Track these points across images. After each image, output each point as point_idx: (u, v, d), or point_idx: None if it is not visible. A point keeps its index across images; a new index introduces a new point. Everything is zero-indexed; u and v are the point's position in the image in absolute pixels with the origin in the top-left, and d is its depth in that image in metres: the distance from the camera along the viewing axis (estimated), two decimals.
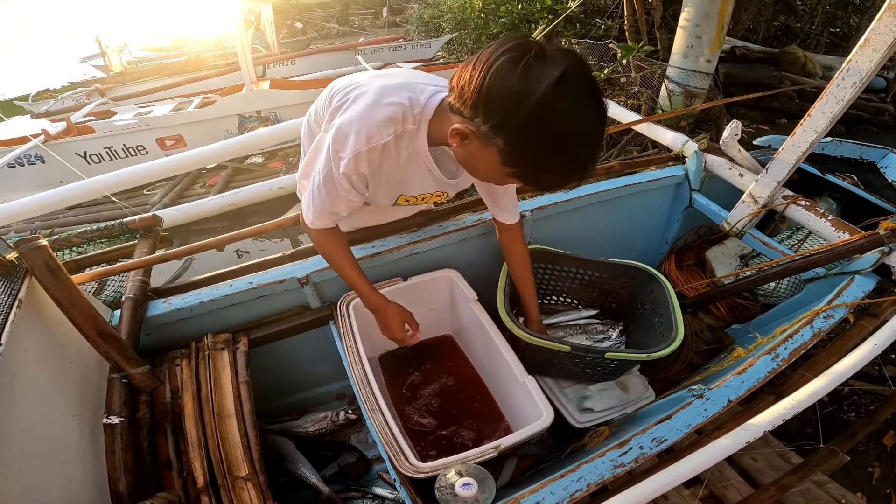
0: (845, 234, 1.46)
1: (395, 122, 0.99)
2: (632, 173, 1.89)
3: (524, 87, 0.76)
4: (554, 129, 0.79)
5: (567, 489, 0.94)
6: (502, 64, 0.78)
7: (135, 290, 1.36)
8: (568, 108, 0.77)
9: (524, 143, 0.82)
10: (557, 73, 0.75)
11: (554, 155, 0.82)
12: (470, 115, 0.84)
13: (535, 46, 0.78)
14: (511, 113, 0.78)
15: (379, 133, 0.98)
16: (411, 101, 0.99)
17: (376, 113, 0.98)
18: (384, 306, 1.34)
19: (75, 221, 4.40)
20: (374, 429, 1.15)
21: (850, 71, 1.24)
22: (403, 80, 1.04)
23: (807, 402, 1.03)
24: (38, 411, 1.01)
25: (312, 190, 1.12)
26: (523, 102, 0.76)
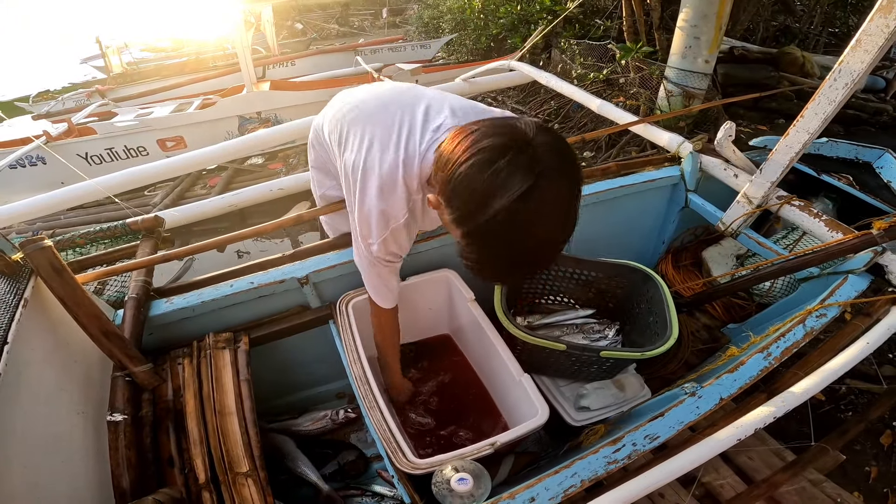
0: (839, 234, 1.48)
1: (405, 200, 1.04)
2: (628, 174, 1.90)
3: (486, 195, 0.76)
4: (507, 243, 0.80)
5: (561, 485, 0.96)
6: (476, 162, 0.77)
7: (137, 290, 1.38)
8: (524, 224, 0.77)
9: (477, 245, 0.84)
10: (525, 185, 0.73)
11: (504, 264, 0.85)
12: (440, 196, 0.87)
13: (514, 147, 0.75)
14: (470, 216, 0.80)
15: (395, 215, 1.05)
16: (408, 173, 1.02)
17: (387, 199, 1.03)
18: (404, 384, 1.54)
19: (77, 223, 4.41)
20: (373, 426, 1.17)
21: (841, 72, 1.26)
22: (399, 134, 1.04)
23: (798, 400, 1.04)
24: (43, 409, 1.02)
25: (365, 279, 1.24)
26: (482, 210, 0.77)
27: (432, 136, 1.03)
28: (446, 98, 1.14)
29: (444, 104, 1.10)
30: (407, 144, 1.03)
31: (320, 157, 1.38)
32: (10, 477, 0.86)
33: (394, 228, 1.07)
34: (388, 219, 1.05)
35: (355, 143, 1.08)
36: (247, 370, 1.36)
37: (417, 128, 1.05)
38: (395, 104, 1.11)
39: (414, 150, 1.03)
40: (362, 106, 1.14)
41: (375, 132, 1.06)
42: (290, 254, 1.52)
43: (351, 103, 1.18)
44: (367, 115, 1.11)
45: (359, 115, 1.12)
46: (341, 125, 1.14)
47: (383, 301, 1.27)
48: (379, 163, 1.03)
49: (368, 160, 1.04)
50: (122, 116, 5.52)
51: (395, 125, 1.06)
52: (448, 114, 1.06)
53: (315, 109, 1.43)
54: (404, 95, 1.15)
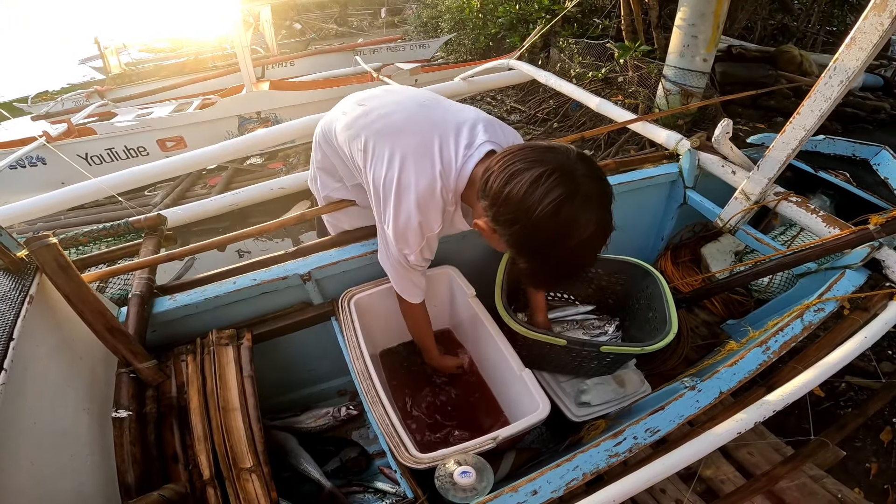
0: (836, 230, 1.49)
1: (442, 211, 1.12)
2: (627, 171, 1.91)
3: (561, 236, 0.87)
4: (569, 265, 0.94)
5: (563, 478, 0.97)
6: (547, 208, 0.84)
7: (141, 287, 1.39)
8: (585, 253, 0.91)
9: (535, 259, 0.95)
10: (591, 229, 0.86)
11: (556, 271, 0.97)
12: (492, 223, 0.95)
13: (573, 196, 0.84)
14: (527, 239, 0.91)
15: (432, 226, 1.12)
16: (445, 185, 1.08)
17: (426, 212, 1.09)
18: (443, 360, 1.59)
19: (77, 222, 4.41)
20: (376, 421, 1.18)
21: (836, 70, 1.27)
22: (431, 148, 1.09)
23: (797, 393, 1.05)
24: (49, 405, 1.03)
25: (395, 279, 1.30)
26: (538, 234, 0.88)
27: (466, 152, 1.08)
28: (471, 110, 1.19)
29: (471, 116, 1.16)
30: (442, 158, 1.08)
31: (328, 159, 1.39)
32: (17, 472, 0.87)
33: (429, 237, 1.14)
34: (425, 230, 1.11)
35: (384, 156, 1.10)
36: (250, 366, 1.36)
37: (451, 142, 1.10)
38: (421, 114, 1.15)
39: (450, 164, 1.08)
40: (388, 118, 1.16)
41: (408, 147, 1.09)
42: (292, 251, 1.53)
43: (374, 111, 1.19)
44: (396, 129, 1.13)
45: (385, 126, 1.14)
46: (365, 136, 1.15)
47: (413, 298, 1.34)
48: (416, 177, 1.07)
49: (404, 176, 1.07)
50: (121, 117, 5.52)
51: (428, 140, 1.09)
52: (480, 129, 1.12)
53: (314, 109, 1.44)
54: (429, 104, 1.19)
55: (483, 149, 1.07)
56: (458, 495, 0.97)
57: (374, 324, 1.54)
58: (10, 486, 0.85)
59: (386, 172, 1.09)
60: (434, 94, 1.28)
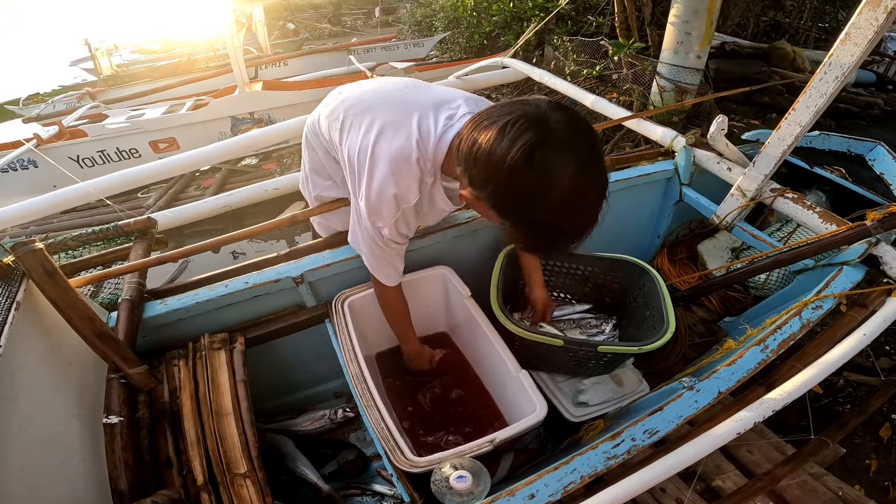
0: (832, 226, 1.48)
1: (418, 181, 1.05)
2: (622, 168, 1.90)
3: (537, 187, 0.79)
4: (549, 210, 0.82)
5: (561, 481, 0.96)
6: (517, 158, 0.78)
7: (131, 292, 1.37)
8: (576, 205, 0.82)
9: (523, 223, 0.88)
10: (569, 172, 0.77)
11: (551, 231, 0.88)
12: (472, 189, 0.89)
13: (545, 141, 0.77)
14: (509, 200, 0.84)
15: (407, 197, 1.06)
16: (422, 154, 1.03)
17: (401, 182, 1.03)
18: (422, 351, 1.53)
19: (70, 226, 4.38)
20: (371, 425, 1.16)
21: (831, 65, 1.26)
22: (409, 120, 1.04)
23: (796, 392, 1.05)
24: (39, 411, 1.02)
25: (369, 259, 1.23)
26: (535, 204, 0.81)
27: (447, 123, 1.03)
28: (453, 90, 1.15)
29: (452, 92, 1.11)
30: (420, 127, 1.03)
31: (316, 156, 1.37)
32: (8, 479, 0.86)
33: (405, 209, 1.08)
34: (400, 201, 1.06)
35: (361, 128, 1.07)
36: (243, 370, 1.35)
37: (430, 115, 1.05)
38: (400, 94, 1.12)
39: (428, 133, 1.03)
40: (365, 98, 1.14)
41: (386, 118, 1.06)
42: (284, 253, 1.51)
43: (352, 97, 1.17)
44: (373, 105, 1.10)
45: (363, 105, 1.12)
46: (343, 116, 1.13)
47: (388, 279, 1.28)
48: (389, 145, 1.02)
49: (379, 143, 1.03)
50: (113, 118, 5.49)
51: (406, 113, 1.05)
52: (461, 101, 1.07)
53: (308, 109, 1.42)
54: (408, 87, 1.16)
55: (463, 120, 1.01)
56: (454, 500, 0.96)
57: (368, 326, 1.53)
58: (2, 493, 0.84)
59: (361, 142, 1.06)
60: (418, 80, 1.24)
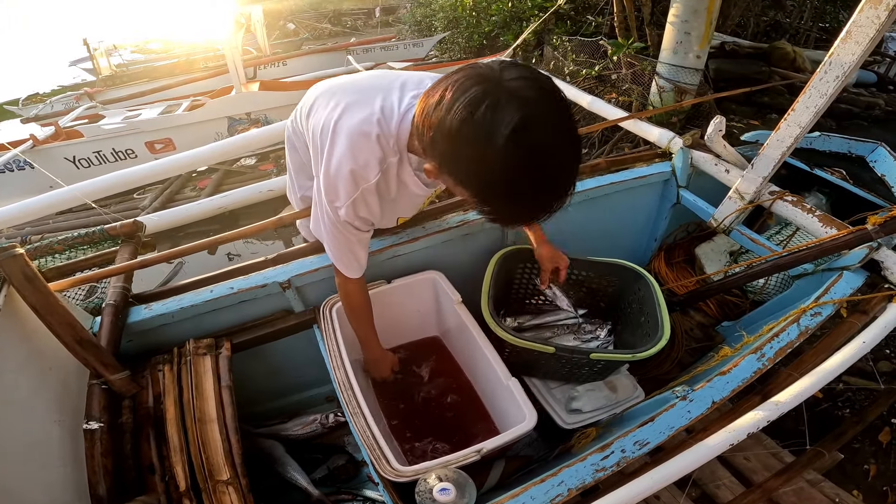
0: (833, 230, 1.45)
1: (378, 159, 0.99)
2: (618, 171, 1.87)
3: (480, 147, 0.73)
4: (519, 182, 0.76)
5: (548, 493, 0.93)
6: (459, 119, 0.73)
7: (115, 297, 1.35)
8: (528, 157, 0.73)
9: (491, 196, 0.81)
10: (512, 124, 0.70)
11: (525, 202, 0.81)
12: (433, 162, 0.84)
13: (489, 91, 0.72)
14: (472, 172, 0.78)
15: (366, 175, 0.99)
16: (384, 132, 0.98)
17: (359, 156, 0.97)
18: (384, 356, 1.47)
19: (67, 226, 4.37)
20: (357, 432, 1.14)
21: (832, 65, 1.23)
22: (373, 100, 1.01)
23: (792, 402, 1.02)
24: (19, 417, 1.02)
25: (329, 244, 1.16)
26: (482, 163, 0.75)
27: (411, 101, 0.99)
28: (426, 73, 1.11)
29: (423, 75, 1.07)
30: (383, 105, 0.99)
31: (297, 158, 1.36)
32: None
33: (364, 189, 1.01)
34: (357, 179, 1.00)
35: (327, 107, 1.04)
36: (228, 376, 1.33)
37: (395, 92, 1.01)
38: (370, 79, 1.10)
39: (391, 111, 0.98)
40: (336, 83, 1.12)
41: (349, 98, 1.02)
42: (272, 258, 1.49)
43: (324, 84, 1.16)
44: (342, 87, 1.08)
45: (332, 90, 1.10)
46: (313, 101, 1.12)
47: (348, 269, 1.20)
48: (350, 119, 0.98)
49: (341, 119, 0.99)
50: (109, 119, 5.48)
51: (372, 91, 1.02)
52: (429, 81, 1.00)
53: None
54: (383, 74, 1.13)
55: None
56: None
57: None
58: None
59: (324, 119, 1.03)
60: (399, 71, 1.21)
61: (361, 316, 1.34)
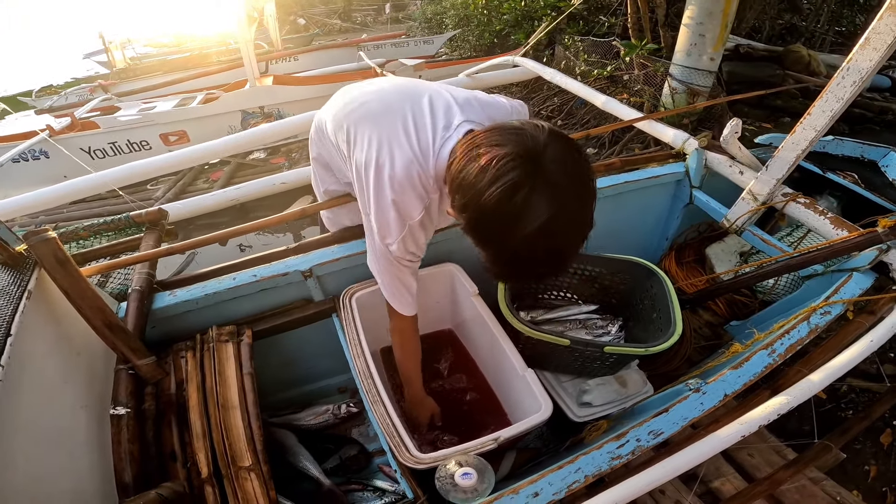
0: (843, 232, 1.47)
1: (421, 199, 1.06)
2: (632, 170, 1.90)
3: (507, 222, 0.80)
4: (529, 260, 0.85)
5: (565, 480, 0.96)
6: (495, 195, 0.78)
7: (141, 283, 1.38)
8: (546, 241, 0.81)
9: (500, 259, 0.90)
10: (541, 221, 0.77)
11: (526, 273, 0.95)
12: (457, 213, 0.90)
13: (530, 180, 0.77)
14: (493, 239, 0.87)
15: (412, 213, 1.06)
16: (423, 171, 1.03)
17: (404, 198, 1.04)
18: (425, 401, 1.46)
19: (79, 216, 4.41)
20: (376, 420, 1.17)
21: (849, 70, 1.25)
22: (408, 136, 1.05)
23: (802, 396, 1.04)
24: (46, 402, 1.01)
25: (382, 280, 1.21)
26: (505, 233, 0.82)
27: (444, 134, 1.03)
28: (448, 90, 1.14)
29: (447, 97, 1.10)
30: (419, 141, 1.04)
31: (322, 153, 1.37)
32: (13, 470, 0.86)
33: (411, 226, 1.08)
34: (404, 219, 1.06)
35: (364, 142, 1.08)
36: (250, 364, 1.35)
37: (427, 124, 1.05)
38: (398, 100, 1.11)
39: (427, 148, 1.03)
40: (367, 105, 1.14)
41: (384, 131, 1.06)
42: (293, 247, 1.52)
43: (355, 101, 1.17)
44: (374, 114, 1.10)
45: (364, 113, 1.12)
46: (347, 124, 1.14)
47: (403, 306, 1.25)
48: (390, 161, 1.03)
49: (380, 159, 1.04)
50: (125, 111, 5.52)
51: (403, 121, 1.06)
52: (456, 109, 1.06)
53: (318, 104, 1.42)
54: (406, 90, 1.15)
55: (461, 130, 1.02)
56: (458, 497, 0.96)
57: (375, 321, 1.52)
58: (6, 485, 0.83)
59: (365, 156, 1.06)
60: (417, 80, 1.24)
61: (410, 355, 1.38)
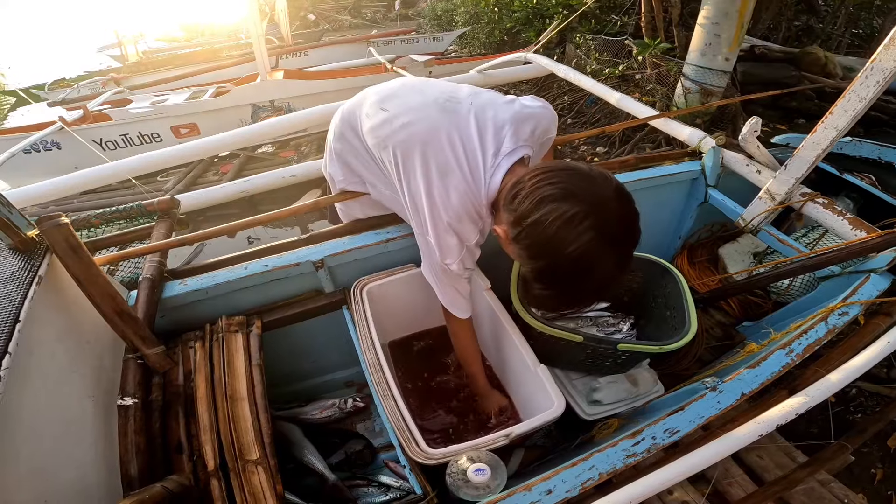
0: (862, 233, 1.45)
1: (476, 223, 1.15)
2: (647, 167, 1.88)
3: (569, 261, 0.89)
4: (576, 290, 0.98)
5: (578, 477, 0.94)
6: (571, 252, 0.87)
7: (152, 271, 1.37)
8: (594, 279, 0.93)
9: (547, 287, 1.00)
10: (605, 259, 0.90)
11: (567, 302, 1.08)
12: (516, 245, 0.97)
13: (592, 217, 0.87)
14: (547, 270, 0.96)
15: (469, 238, 1.16)
16: (476, 199, 1.11)
17: (461, 229, 1.13)
18: (491, 394, 1.50)
19: (89, 206, 4.43)
20: (386, 414, 1.16)
21: (873, 70, 1.24)
22: (462, 164, 1.10)
23: (819, 396, 1.02)
24: (54, 391, 0.99)
25: (438, 288, 1.29)
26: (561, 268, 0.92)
27: (494, 161, 1.10)
28: (491, 105, 1.18)
29: (491, 115, 1.15)
30: (471, 170, 1.10)
31: (349, 151, 1.35)
32: (16, 462, 0.84)
33: (468, 247, 1.17)
34: (462, 242, 1.15)
35: (417, 171, 1.11)
36: (259, 355, 1.34)
37: (476, 149, 1.10)
38: (443, 121, 1.14)
39: (479, 178, 1.09)
40: (412, 127, 1.14)
41: (433, 160, 1.10)
42: (305, 237, 1.51)
43: (396, 119, 1.17)
44: (422, 141, 1.12)
45: (410, 137, 1.13)
46: (393, 146, 1.15)
47: (460, 311, 1.32)
48: (446, 192, 1.09)
49: (436, 190, 1.10)
50: (137, 103, 5.57)
51: (452, 148, 1.10)
52: (508, 132, 1.12)
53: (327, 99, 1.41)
54: (448, 106, 1.17)
55: (513, 157, 1.09)
56: (469, 493, 0.95)
57: (385, 314, 1.52)
58: (9, 477, 0.81)
59: (421, 188, 1.11)
60: (454, 89, 1.24)
61: (472, 354, 1.45)
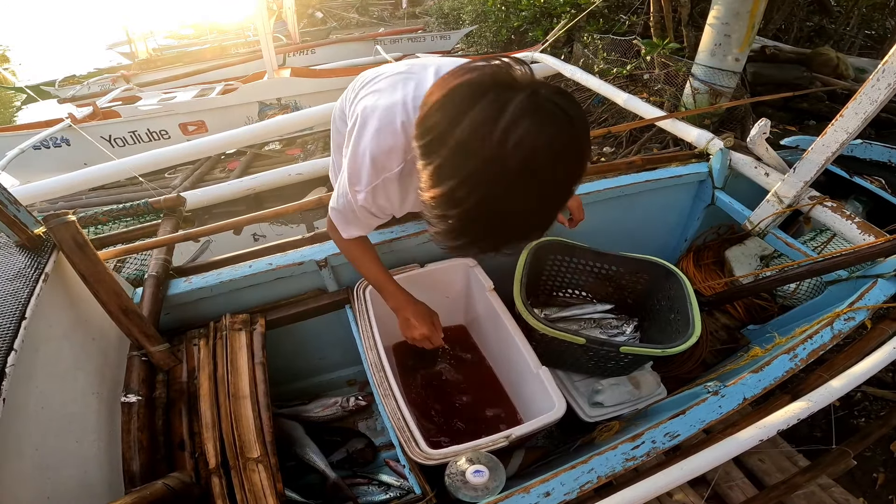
0: (870, 237, 1.44)
1: (403, 148, 0.95)
2: (654, 169, 1.86)
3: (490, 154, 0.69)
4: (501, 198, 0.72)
5: (577, 480, 0.94)
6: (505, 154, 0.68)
7: (157, 268, 1.38)
8: None
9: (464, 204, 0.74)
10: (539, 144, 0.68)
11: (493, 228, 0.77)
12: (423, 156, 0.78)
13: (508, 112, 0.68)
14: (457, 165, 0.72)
15: (388, 165, 0.96)
16: (409, 119, 0.93)
17: (382, 143, 0.94)
18: (410, 303, 1.29)
19: (97, 203, 4.48)
20: (387, 414, 1.16)
21: (885, 72, 1.22)
22: (405, 85, 0.97)
23: (822, 402, 1.01)
24: (58, 388, 1.00)
25: (339, 210, 1.12)
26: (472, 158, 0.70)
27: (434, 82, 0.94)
28: (461, 60, 1.07)
29: (457, 60, 1.01)
30: (416, 92, 0.95)
31: (340, 140, 1.34)
32: (19, 458, 0.84)
33: (386, 178, 0.97)
34: (379, 168, 0.96)
35: (366, 93, 1.03)
36: (262, 353, 1.35)
37: (431, 77, 0.97)
38: (409, 65, 1.06)
39: (421, 97, 0.88)
40: (380, 71, 1.10)
41: (385, 83, 1.01)
42: (309, 236, 1.51)
43: (372, 72, 1.14)
44: (382, 74, 1.06)
45: (376, 76, 1.08)
46: (360, 87, 1.11)
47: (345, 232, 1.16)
48: (380, 104, 0.96)
49: (371, 104, 0.97)
50: (145, 101, 5.62)
51: (406, 76, 1.00)
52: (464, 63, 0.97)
53: (334, 97, 1.41)
54: (421, 61, 1.10)
55: None
56: (468, 494, 0.95)
57: (388, 314, 1.51)
58: (12, 473, 0.81)
59: (363, 104, 1.00)
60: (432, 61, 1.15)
61: (369, 262, 1.26)
